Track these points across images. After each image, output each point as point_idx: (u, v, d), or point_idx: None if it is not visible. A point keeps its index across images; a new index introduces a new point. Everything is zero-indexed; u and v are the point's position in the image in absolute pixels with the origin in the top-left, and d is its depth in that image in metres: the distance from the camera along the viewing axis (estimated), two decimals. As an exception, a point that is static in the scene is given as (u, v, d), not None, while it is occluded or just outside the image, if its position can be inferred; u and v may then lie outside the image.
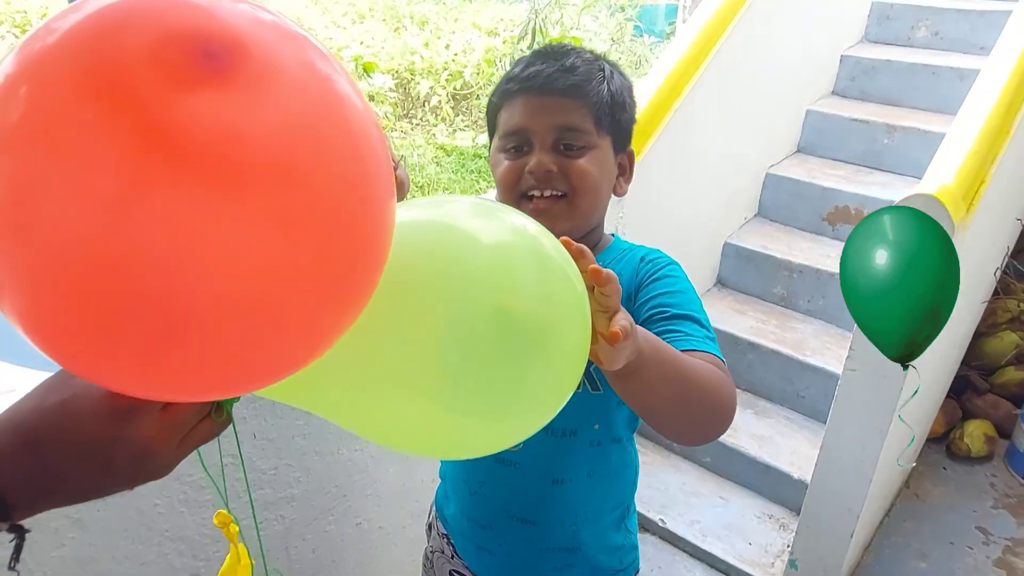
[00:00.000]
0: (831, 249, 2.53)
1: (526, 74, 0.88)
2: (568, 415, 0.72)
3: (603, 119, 0.88)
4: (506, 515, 0.99)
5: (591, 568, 1.02)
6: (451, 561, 1.10)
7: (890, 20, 3.06)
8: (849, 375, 1.59)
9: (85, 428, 0.49)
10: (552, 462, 0.95)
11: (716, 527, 2.06)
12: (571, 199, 0.87)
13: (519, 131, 0.88)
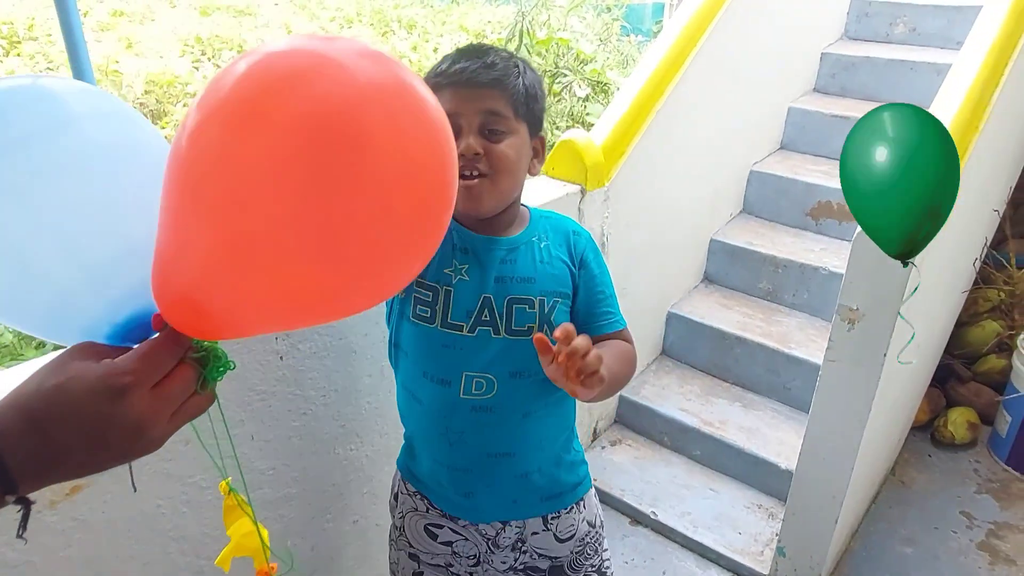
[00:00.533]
0: (815, 244, 2.58)
1: (453, 70, 1.02)
2: (530, 358, 0.96)
3: (519, 108, 1.04)
4: (485, 454, 1.13)
5: (557, 485, 1.19)
6: (426, 515, 1.21)
7: (869, 17, 3.12)
8: (829, 366, 1.64)
9: (82, 406, 0.53)
10: (520, 400, 1.11)
11: (707, 518, 2.11)
12: (493, 179, 1.03)
13: (449, 116, 0.98)
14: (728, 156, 2.67)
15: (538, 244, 1.12)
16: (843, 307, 1.57)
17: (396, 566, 1.28)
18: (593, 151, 1.91)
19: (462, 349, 1.08)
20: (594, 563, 1.25)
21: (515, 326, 1.08)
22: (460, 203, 1.02)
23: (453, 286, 1.08)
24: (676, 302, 2.58)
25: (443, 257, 1.09)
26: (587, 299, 1.13)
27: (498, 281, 1.08)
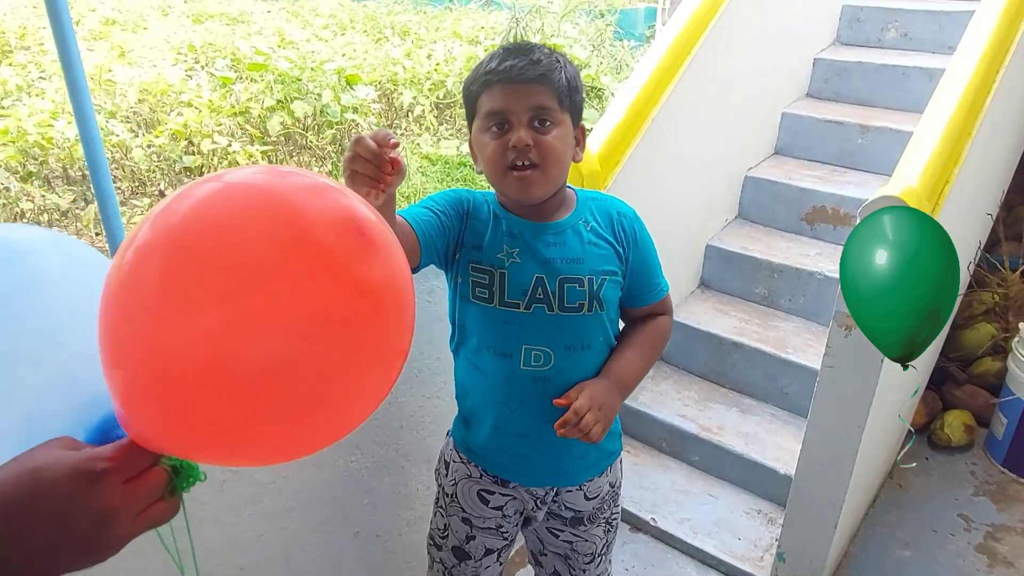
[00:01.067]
0: (810, 248, 2.59)
1: (502, 68, 1.09)
2: (582, 333, 1.19)
3: (564, 100, 1.12)
4: (542, 421, 1.20)
5: (598, 451, 1.30)
6: (479, 481, 1.32)
7: (860, 23, 3.14)
8: (827, 371, 1.65)
9: (55, 489, 0.51)
10: (576, 371, 1.21)
11: (706, 524, 2.11)
12: (543, 168, 1.11)
13: (500, 112, 1.10)
14: (723, 162, 2.68)
15: (584, 226, 1.21)
16: (840, 313, 1.57)
17: (445, 531, 1.37)
18: (589, 160, 1.91)
19: (520, 325, 1.18)
20: (606, 516, 1.39)
21: (567, 303, 1.17)
22: (513, 191, 1.15)
23: (507, 268, 1.17)
24: (673, 308, 2.58)
25: (495, 243, 1.18)
26: (638, 274, 1.25)
27: (549, 262, 1.17)
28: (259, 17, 9.90)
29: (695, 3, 2.30)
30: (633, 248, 1.24)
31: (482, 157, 1.15)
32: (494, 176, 1.14)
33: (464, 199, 1.23)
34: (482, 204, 1.23)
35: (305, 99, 5.65)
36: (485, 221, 1.21)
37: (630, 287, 1.25)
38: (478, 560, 1.37)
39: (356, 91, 5.94)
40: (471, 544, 1.35)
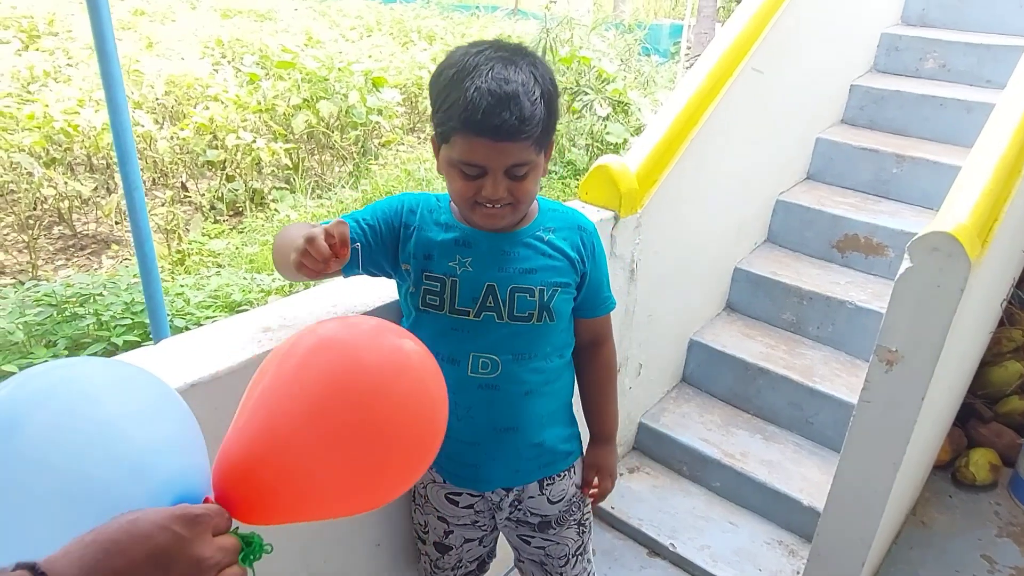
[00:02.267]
0: (840, 276, 2.56)
1: (486, 124, 1.02)
2: (530, 342, 1.20)
3: (542, 142, 1.10)
4: (491, 428, 1.24)
5: (552, 453, 1.32)
6: (444, 486, 1.34)
7: (899, 51, 3.11)
8: (864, 406, 1.61)
9: (155, 528, 0.55)
10: (523, 380, 1.22)
11: (726, 552, 2.08)
12: (515, 206, 1.13)
13: (477, 166, 1.08)
14: (755, 185, 2.66)
15: (543, 236, 1.21)
16: (882, 348, 1.54)
17: (425, 527, 1.41)
18: (628, 178, 1.89)
19: (469, 332, 1.18)
20: (576, 517, 1.40)
21: (517, 312, 1.18)
22: (480, 220, 1.15)
23: (458, 276, 1.17)
24: (698, 330, 2.56)
25: (447, 251, 1.18)
26: (591, 287, 1.27)
27: (501, 271, 1.17)
28: (286, 15, 9.96)
29: (738, 26, 2.28)
30: (591, 262, 1.26)
31: (449, 186, 1.14)
32: (461, 206, 1.15)
33: (408, 210, 1.21)
34: (431, 211, 1.21)
35: (331, 99, 5.66)
36: (437, 230, 1.19)
37: (583, 299, 1.27)
38: (459, 548, 1.41)
39: (382, 93, 5.95)
40: (450, 538, 1.39)
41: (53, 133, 4.91)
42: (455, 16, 10.79)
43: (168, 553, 0.55)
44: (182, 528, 0.57)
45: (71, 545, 0.53)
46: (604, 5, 12.70)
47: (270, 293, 4.01)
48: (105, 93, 2.55)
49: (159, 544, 0.55)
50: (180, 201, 5.49)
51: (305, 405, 0.74)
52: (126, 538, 0.54)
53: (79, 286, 3.65)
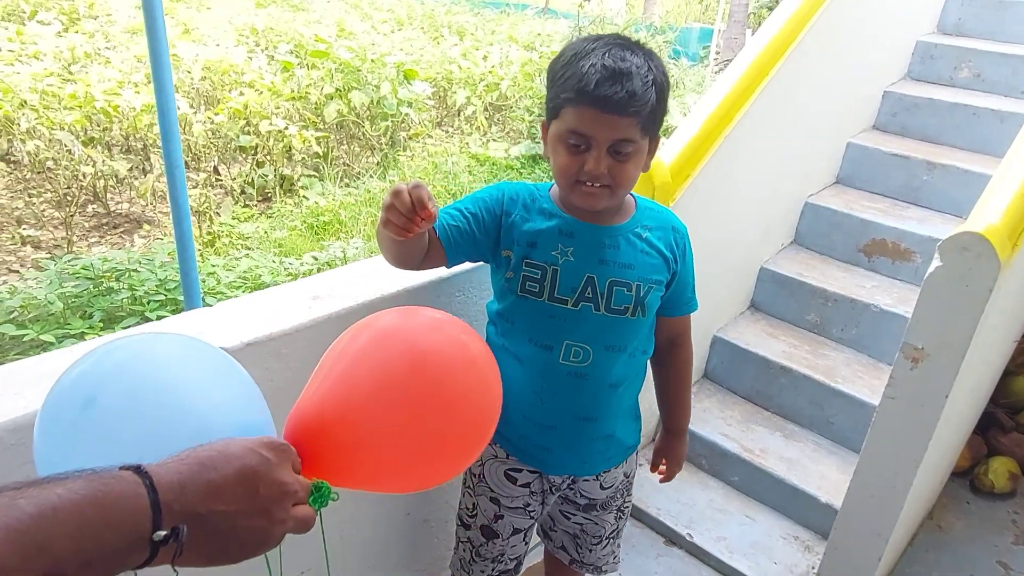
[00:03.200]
0: (866, 280, 2.57)
1: (597, 94, 1.06)
2: (623, 335, 1.23)
3: (648, 127, 1.12)
4: (570, 416, 1.27)
5: (619, 446, 1.36)
6: (505, 461, 1.35)
7: (933, 60, 3.11)
8: (887, 403, 1.64)
9: (245, 450, 0.60)
10: (610, 371, 1.25)
11: (742, 545, 2.11)
12: (614, 190, 1.14)
13: (583, 135, 1.10)
14: (784, 186, 2.68)
15: (641, 234, 1.24)
16: (908, 345, 1.57)
17: (474, 510, 1.41)
18: (662, 171, 1.93)
19: (565, 320, 1.20)
20: (618, 503, 1.44)
21: (614, 305, 1.20)
22: (578, 201, 1.16)
23: (560, 265, 1.19)
24: (722, 327, 2.59)
25: (550, 241, 1.20)
26: (678, 287, 1.30)
27: (601, 263, 1.20)
28: (319, 6, 10.09)
29: (774, 28, 2.31)
30: (682, 263, 1.29)
31: (554, 162, 1.16)
32: (562, 183, 1.17)
33: (508, 198, 1.24)
34: (534, 200, 1.24)
35: (363, 89, 5.74)
36: (538, 219, 1.22)
37: (669, 298, 1.30)
38: (505, 539, 1.40)
39: (413, 86, 6.02)
40: (500, 523, 1.39)
41: (93, 113, 5.03)
42: (485, 13, 10.85)
43: (257, 473, 0.59)
44: (269, 453, 0.61)
45: (168, 460, 0.57)
46: (635, 6, 12.70)
47: (297, 277, 4.09)
48: (152, 73, 2.63)
49: (248, 464, 0.59)
50: (211, 184, 5.60)
51: (377, 378, 0.82)
52: (219, 456, 0.58)
53: (115, 262, 3.75)
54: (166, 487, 0.54)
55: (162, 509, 0.53)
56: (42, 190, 5.11)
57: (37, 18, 7.31)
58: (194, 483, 0.56)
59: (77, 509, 0.48)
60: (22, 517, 0.46)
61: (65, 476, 0.51)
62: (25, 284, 3.88)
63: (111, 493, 0.51)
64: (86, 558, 0.48)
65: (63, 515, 0.48)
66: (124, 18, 7.68)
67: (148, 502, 0.52)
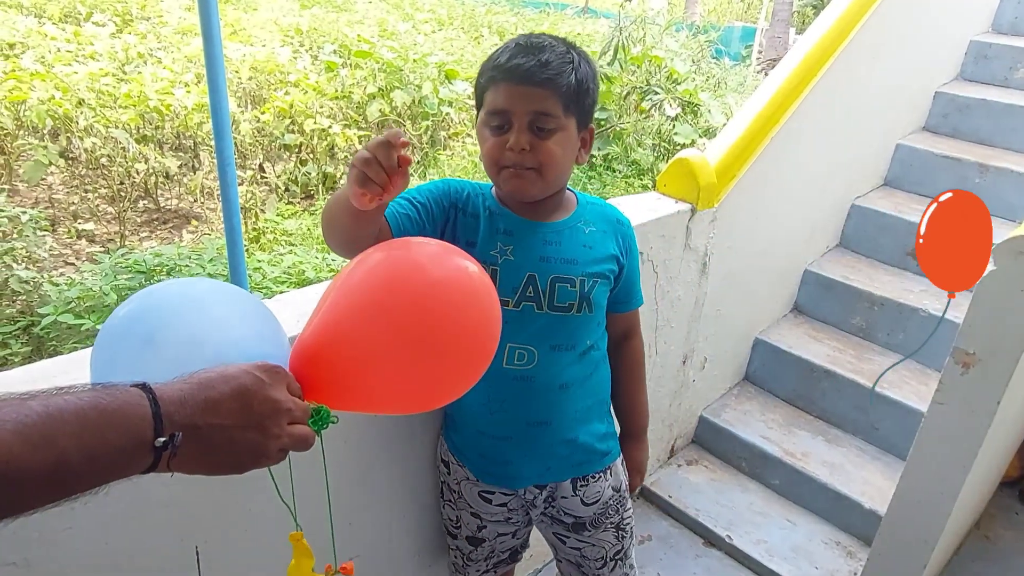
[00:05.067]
0: (914, 284, 2.53)
1: (509, 65, 1.07)
2: (569, 333, 1.19)
3: (570, 105, 1.09)
4: (524, 423, 1.22)
5: (588, 452, 1.29)
6: (477, 484, 1.32)
7: (988, 60, 3.04)
8: (936, 408, 1.62)
9: (242, 371, 0.67)
10: (559, 372, 1.20)
11: (783, 548, 2.10)
12: (540, 171, 1.10)
13: (501, 112, 1.09)
14: (831, 188, 2.65)
15: (584, 228, 1.21)
16: (959, 350, 1.54)
17: (457, 522, 1.39)
18: (707, 171, 1.93)
19: (507, 322, 1.11)
20: (614, 520, 1.36)
21: (557, 302, 1.17)
22: (506, 187, 1.13)
23: (499, 265, 1.16)
24: (764, 329, 2.57)
25: (488, 239, 1.17)
26: (628, 281, 1.29)
27: (542, 260, 1.17)
28: (362, 6, 10.23)
29: (823, 27, 2.29)
30: (627, 256, 1.26)
31: (481, 150, 1.14)
32: (490, 170, 1.13)
33: (455, 191, 1.20)
34: (476, 197, 1.20)
35: (405, 89, 5.82)
36: (479, 216, 1.18)
37: (618, 293, 1.28)
38: (492, 540, 1.39)
39: (454, 85, 6.07)
40: (483, 532, 1.38)
41: (146, 111, 5.19)
42: (525, 12, 10.87)
43: (250, 390, 0.65)
44: (262, 374, 0.67)
45: (173, 380, 0.64)
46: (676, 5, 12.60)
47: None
48: (207, 73, 2.71)
49: (243, 383, 0.65)
50: (257, 182, 5.73)
51: (367, 302, 0.84)
52: (217, 378, 0.65)
53: (165, 256, 3.87)
54: (168, 401, 0.60)
55: (163, 419, 0.59)
56: (97, 186, 5.29)
57: (93, 19, 7.56)
58: (193, 399, 0.62)
59: (81, 410, 0.55)
60: (30, 414, 0.52)
61: (76, 387, 0.58)
62: (81, 276, 4.02)
63: (115, 401, 0.57)
64: (90, 453, 0.55)
65: (68, 415, 0.54)
66: (175, 19, 7.90)
67: (150, 412, 0.58)
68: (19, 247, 3.87)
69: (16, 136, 5.10)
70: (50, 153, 4.82)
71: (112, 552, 1.01)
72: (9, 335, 3.43)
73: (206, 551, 1.14)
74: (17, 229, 3.97)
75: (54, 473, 0.53)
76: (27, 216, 4.04)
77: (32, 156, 4.84)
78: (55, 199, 5.14)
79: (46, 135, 5.24)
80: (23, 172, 4.96)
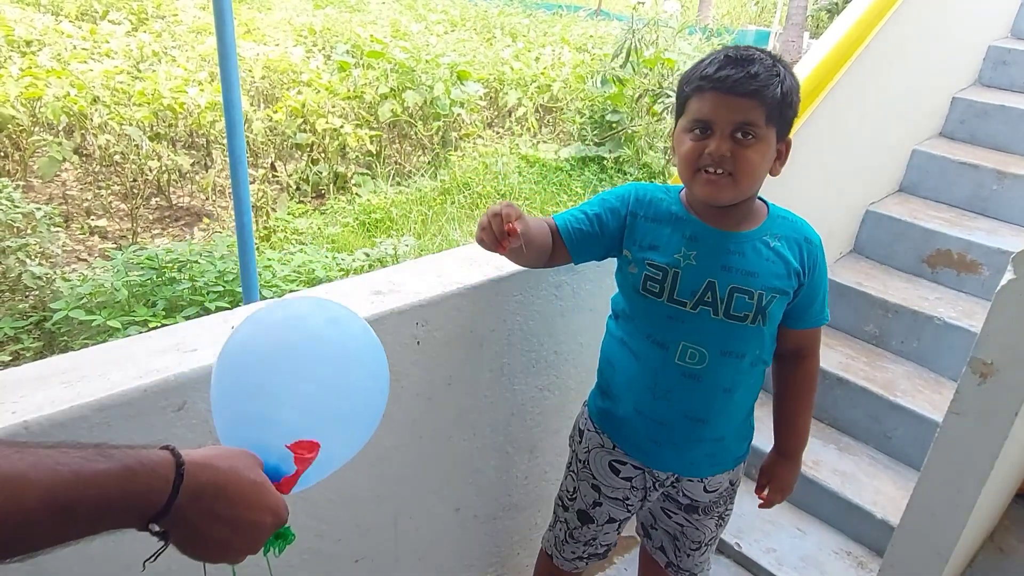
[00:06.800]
0: (929, 292, 2.50)
1: (718, 75, 1.09)
2: (741, 342, 1.21)
3: (772, 115, 1.10)
4: (683, 416, 1.26)
5: (727, 452, 1.34)
6: (612, 452, 1.37)
7: (1007, 65, 3.00)
8: (952, 418, 1.59)
9: (260, 515, 0.66)
10: (726, 376, 1.24)
11: (792, 558, 2.07)
12: (735, 178, 1.12)
13: (705, 121, 1.12)
14: (845, 194, 2.62)
15: (769, 242, 1.22)
16: (976, 360, 1.52)
17: (574, 493, 1.44)
18: (721, 175, 1.91)
19: (683, 322, 1.21)
20: (720, 511, 1.42)
21: (733, 311, 1.19)
22: (700, 192, 1.16)
23: (681, 268, 1.20)
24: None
25: (672, 243, 1.21)
26: (806, 298, 1.26)
27: (724, 269, 1.19)
28: (374, 6, 10.26)
29: (840, 31, 2.26)
30: (811, 275, 1.25)
31: (678, 153, 1.17)
32: (685, 173, 1.17)
33: (635, 199, 1.26)
34: (662, 202, 1.25)
35: (417, 89, 5.82)
36: (664, 221, 1.23)
37: (793, 308, 1.26)
38: (600, 526, 1.43)
39: (466, 86, 6.07)
40: (597, 510, 1.41)
41: (160, 109, 5.22)
42: (538, 14, 10.87)
43: (253, 531, 0.66)
44: (272, 521, 0.68)
45: (216, 463, 0.64)
46: (690, 9, 12.57)
47: (349, 272, 4.17)
48: (220, 72, 2.72)
49: (253, 521, 0.66)
50: (268, 180, 5.75)
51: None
52: (239, 499, 0.64)
53: (177, 253, 3.89)
54: (186, 495, 0.60)
55: (171, 511, 0.59)
56: (110, 183, 5.32)
57: (109, 17, 7.62)
58: (206, 503, 0.62)
59: (108, 485, 0.56)
60: (60, 481, 0.53)
61: (111, 450, 0.58)
62: (93, 272, 4.05)
63: (138, 481, 0.57)
64: (96, 524, 0.56)
65: (92, 489, 0.55)
66: (189, 18, 7.95)
67: (165, 500, 0.59)
68: (33, 243, 3.90)
69: (31, 132, 5.14)
70: (64, 150, 4.86)
71: (121, 553, 1.01)
72: (22, 330, 3.45)
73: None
74: (31, 225, 4.00)
75: (58, 533, 0.54)
76: (41, 212, 4.07)
77: (47, 152, 4.88)
78: (69, 195, 5.18)
79: (61, 132, 5.28)
80: (38, 168, 5.00)
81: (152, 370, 1.00)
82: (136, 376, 0.98)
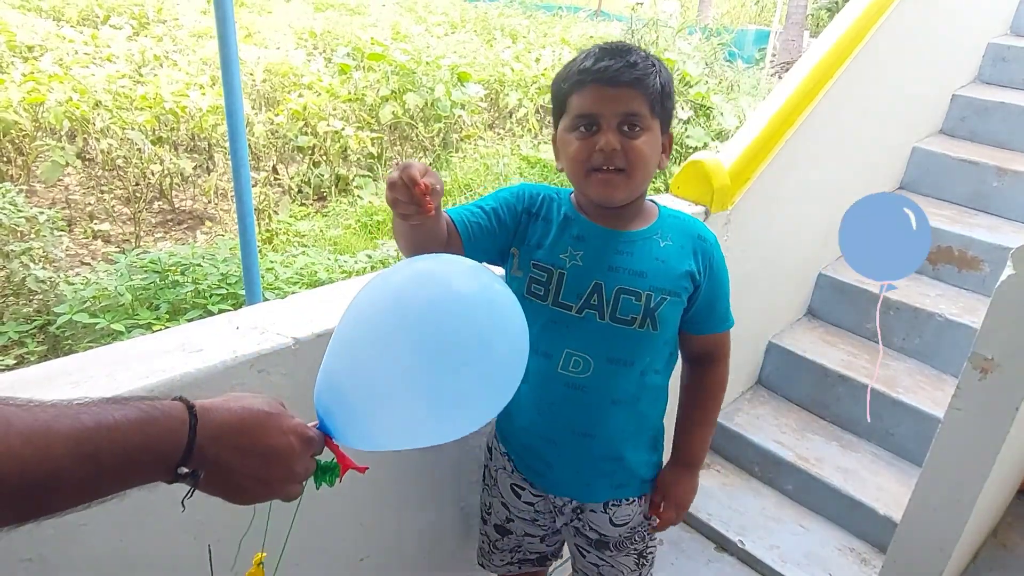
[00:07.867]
0: (931, 289, 2.51)
1: (597, 68, 1.06)
2: (628, 348, 1.14)
3: (655, 106, 1.09)
4: (569, 431, 1.21)
5: (630, 475, 1.26)
6: (511, 476, 1.32)
7: (1006, 62, 3.01)
8: (953, 414, 1.60)
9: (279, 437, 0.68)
10: (614, 387, 1.17)
11: (796, 554, 2.08)
12: (628, 173, 1.09)
13: (590, 115, 1.08)
14: (846, 192, 2.61)
15: (659, 241, 1.17)
16: (977, 355, 1.52)
17: (489, 508, 1.41)
18: (721, 174, 1.92)
19: (568, 327, 1.15)
20: (638, 548, 1.33)
21: (619, 314, 1.13)
22: (594, 193, 1.12)
23: (567, 269, 1.15)
24: (777, 333, 2.56)
25: (559, 243, 1.16)
26: (706, 301, 1.21)
27: (611, 270, 1.14)
28: (375, 9, 10.28)
29: (839, 30, 2.27)
30: (708, 275, 1.19)
31: (565, 155, 1.12)
32: (576, 176, 1.12)
33: (529, 196, 1.20)
34: (552, 202, 1.20)
35: (417, 91, 5.83)
36: (553, 221, 1.18)
37: (695, 312, 1.20)
38: (520, 537, 1.39)
39: (466, 88, 6.08)
40: (512, 524, 1.38)
41: (162, 113, 5.24)
42: (538, 15, 10.88)
43: (280, 456, 0.68)
44: (298, 442, 0.70)
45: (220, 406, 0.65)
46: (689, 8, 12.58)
47: (352, 274, 4.18)
48: (222, 76, 2.74)
49: (275, 445, 0.68)
50: (270, 183, 5.77)
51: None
52: (259, 428, 0.67)
53: (179, 256, 3.90)
54: (205, 434, 0.62)
55: (194, 451, 0.61)
56: (112, 187, 5.34)
57: (110, 22, 7.64)
58: (228, 439, 0.64)
59: (128, 429, 0.58)
60: (83, 429, 0.55)
61: (125, 400, 0.60)
62: (96, 276, 4.06)
63: (157, 424, 0.60)
64: (124, 470, 0.58)
65: (115, 433, 0.57)
66: (190, 22, 7.97)
67: (185, 440, 0.61)
68: (36, 247, 3.91)
69: (34, 137, 5.16)
70: (67, 154, 4.87)
71: (126, 550, 1.02)
72: (26, 334, 3.46)
73: (219, 550, 1.14)
74: (34, 229, 4.02)
75: (88, 484, 0.56)
76: (44, 216, 4.08)
77: (49, 157, 4.90)
78: (72, 200, 5.19)
79: (63, 136, 5.30)
80: (40, 173, 5.01)
81: (158, 370, 1.01)
82: (143, 376, 0.99)
